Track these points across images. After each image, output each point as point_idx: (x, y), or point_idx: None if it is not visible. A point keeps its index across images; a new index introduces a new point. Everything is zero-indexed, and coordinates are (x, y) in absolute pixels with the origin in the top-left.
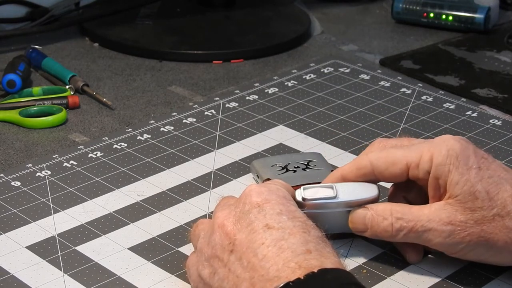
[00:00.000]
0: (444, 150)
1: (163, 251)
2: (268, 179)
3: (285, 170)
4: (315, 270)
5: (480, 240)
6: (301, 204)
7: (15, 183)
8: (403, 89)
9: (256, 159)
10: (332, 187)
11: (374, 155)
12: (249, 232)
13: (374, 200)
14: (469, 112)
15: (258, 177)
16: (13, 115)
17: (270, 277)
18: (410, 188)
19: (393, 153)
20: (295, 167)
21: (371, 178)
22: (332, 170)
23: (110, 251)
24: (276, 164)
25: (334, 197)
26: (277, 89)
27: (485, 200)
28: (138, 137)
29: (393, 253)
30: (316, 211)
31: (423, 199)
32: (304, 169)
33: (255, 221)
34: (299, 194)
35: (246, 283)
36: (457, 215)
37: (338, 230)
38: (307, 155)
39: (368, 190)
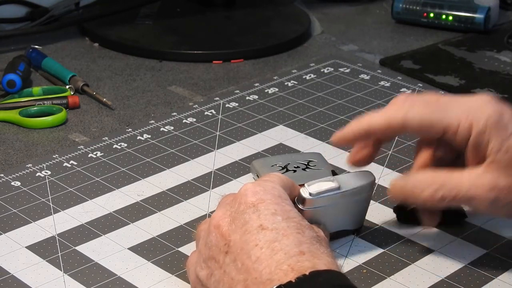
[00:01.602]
0: (483, 119)
1: (163, 251)
2: None
3: (285, 170)
4: (307, 273)
5: None
6: (307, 202)
7: (15, 183)
8: (403, 89)
9: (256, 159)
10: (332, 180)
11: (409, 112)
12: (243, 233)
13: (373, 185)
14: None
15: (258, 177)
16: (13, 115)
17: (263, 280)
18: (438, 145)
19: (430, 115)
20: (295, 167)
21: (402, 132)
22: (332, 170)
23: (110, 251)
24: (276, 164)
25: (338, 188)
26: (277, 89)
27: None
28: (138, 137)
29: (393, 253)
30: (320, 206)
31: (452, 155)
32: (304, 169)
33: (250, 221)
34: (305, 191)
35: (240, 285)
36: (500, 180)
37: (338, 228)
38: (307, 155)
39: (366, 177)
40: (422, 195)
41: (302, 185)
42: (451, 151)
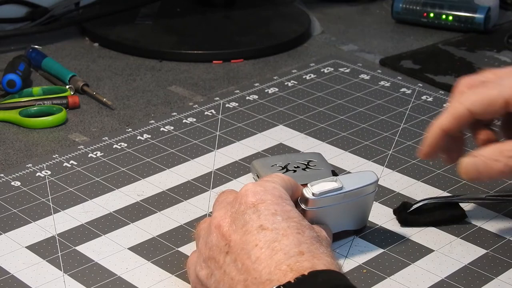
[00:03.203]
0: None
1: (163, 251)
2: None
3: (285, 170)
4: (306, 273)
5: None
6: (309, 202)
7: (15, 183)
8: (403, 89)
9: (256, 159)
10: (335, 180)
11: (469, 100)
12: (244, 233)
13: (375, 185)
14: None
15: (258, 177)
16: (13, 115)
17: (263, 280)
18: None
19: (488, 93)
20: (295, 167)
21: (469, 123)
22: (332, 170)
23: (110, 251)
24: (276, 164)
25: (341, 188)
26: (277, 89)
27: None
28: (138, 137)
29: (393, 253)
30: (323, 206)
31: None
32: (304, 169)
33: (250, 221)
34: (309, 191)
35: (240, 285)
36: None
37: (341, 228)
38: (307, 155)
39: (368, 177)
40: (496, 167)
41: (305, 185)
42: (508, 123)
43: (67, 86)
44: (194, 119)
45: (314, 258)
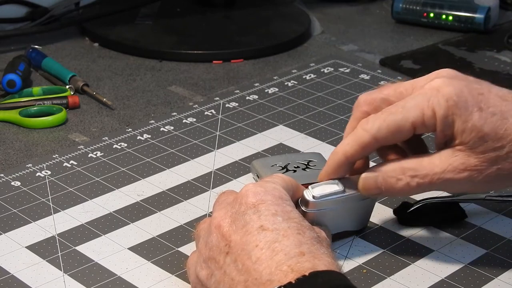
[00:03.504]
0: (443, 102)
1: (163, 251)
2: None
3: (285, 170)
4: (307, 274)
5: (498, 177)
6: (310, 204)
7: (15, 183)
8: None
9: (256, 159)
10: (337, 183)
11: (374, 128)
12: (244, 234)
13: None
14: None
15: (258, 177)
16: (13, 115)
17: (263, 281)
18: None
19: (394, 119)
20: (295, 167)
21: (375, 149)
22: None
23: (110, 251)
24: (276, 164)
25: (342, 192)
26: (277, 89)
27: (495, 140)
28: (138, 137)
29: (393, 253)
30: (323, 209)
31: (416, 142)
32: (304, 169)
33: (250, 222)
34: (309, 193)
35: (241, 286)
36: (471, 160)
37: (341, 229)
38: (307, 155)
39: None
40: (397, 186)
41: (306, 186)
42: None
43: (67, 86)
44: (194, 119)
45: (315, 259)
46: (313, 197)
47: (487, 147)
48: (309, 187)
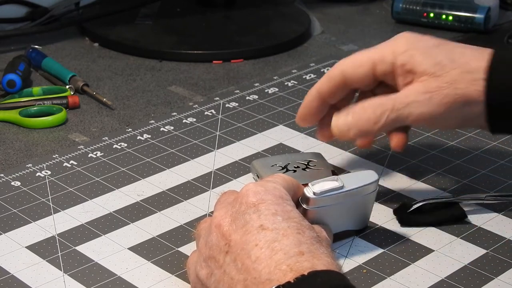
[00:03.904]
0: (403, 40)
1: (163, 251)
2: None
3: (285, 170)
4: (306, 273)
5: (456, 99)
6: (310, 201)
7: (15, 183)
8: None
9: (256, 159)
10: (336, 179)
11: (342, 62)
12: (244, 233)
13: (376, 184)
14: None
15: (258, 177)
16: (13, 115)
17: (262, 280)
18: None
19: (359, 56)
20: (295, 167)
21: (344, 86)
22: (332, 170)
23: (110, 251)
24: (276, 164)
25: (342, 187)
26: (277, 89)
27: (451, 64)
28: (138, 137)
29: (393, 253)
30: (324, 206)
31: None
32: (304, 169)
33: (250, 221)
34: (309, 190)
35: (240, 285)
36: (431, 83)
37: (342, 228)
38: (307, 155)
39: (369, 176)
40: (364, 116)
41: (306, 185)
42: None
43: (67, 86)
44: (194, 119)
45: (314, 258)
46: (314, 193)
47: (445, 69)
48: (309, 184)
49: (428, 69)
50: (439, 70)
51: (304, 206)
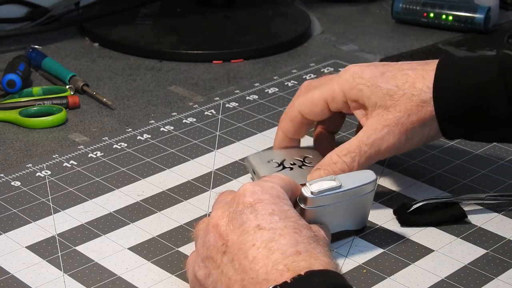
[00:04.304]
0: (348, 75)
1: (163, 251)
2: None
3: (281, 167)
4: (303, 273)
5: (413, 125)
6: (308, 201)
7: (15, 183)
8: None
9: (251, 154)
10: (334, 179)
11: (299, 102)
12: (241, 233)
13: (374, 184)
14: None
15: (254, 173)
16: (13, 115)
17: (260, 280)
18: (330, 122)
19: (312, 95)
20: (291, 164)
21: (305, 123)
22: None
23: (110, 251)
24: (272, 160)
25: (339, 187)
26: (277, 89)
27: (398, 92)
28: (138, 137)
29: (393, 253)
30: (321, 205)
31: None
32: (300, 166)
33: (247, 221)
34: (307, 190)
35: (237, 285)
36: (385, 116)
37: (340, 228)
38: (303, 150)
39: (367, 176)
40: (336, 168)
41: (304, 185)
42: (338, 122)
43: (67, 86)
44: (194, 119)
45: (311, 258)
46: (311, 193)
47: (394, 100)
48: (307, 183)
49: (378, 102)
50: (389, 101)
51: (302, 205)
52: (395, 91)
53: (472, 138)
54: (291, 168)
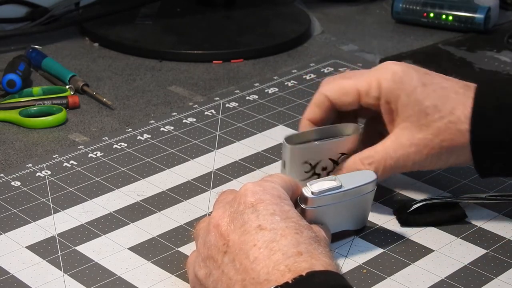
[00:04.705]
0: (389, 76)
1: (163, 251)
2: None
3: (312, 172)
4: (304, 274)
5: (442, 150)
6: (309, 201)
7: (15, 183)
8: None
9: (290, 136)
10: (334, 179)
11: (327, 88)
12: (242, 233)
13: (374, 184)
14: None
15: (284, 164)
16: (13, 115)
17: (261, 280)
18: (380, 120)
19: (344, 83)
20: (323, 168)
21: (331, 110)
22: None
23: (110, 251)
24: (307, 162)
25: (340, 187)
26: (277, 89)
27: (435, 112)
28: (138, 137)
29: (393, 253)
30: (322, 205)
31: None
32: (329, 173)
33: (248, 221)
34: (308, 190)
35: (238, 285)
36: (415, 134)
37: (341, 228)
38: (340, 143)
39: (367, 176)
40: None
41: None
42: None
43: (67, 86)
44: (194, 119)
45: (312, 259)
46: (312, 193)
47: (429, 119)
48: (307, 184)
49: (412, 115)
50: (423, 119)
51: (303, 205)
52: (433, 111)
53: (508, 175)
54: (319, 176)
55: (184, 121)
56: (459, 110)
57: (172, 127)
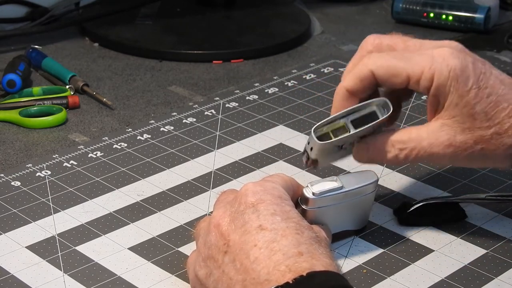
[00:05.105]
0: (446, 71)
1: (163, 251)
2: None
3: (338, 148)
4: (304, 274)
5: (480, 156)
6: (310, 201)
7: (15, 183)
8: None
9: (319, 128)
10: (335, 180)
11: (375, 63)
12: (243, 233)
13: (376, 185)
14: None
15: (306, 150)
16: (13, 115)
17: (261, 281)
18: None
19: (395, 64)
20: (350, 143)
21: (374, 86)
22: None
23: (110, 251)
24: (338, 145)
25: (341, 188)
26: (277, 89)
27: (483, 120)
28: (138, 137)
29: (393, 253)
30: (323, 206)
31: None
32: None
33: (249, 221)
34: (309, 191)
35: (239, 285)
36: (456, 136)
37: (341, 228)
38: (373, 104)
39: (368, 177)
40: (387, 157)
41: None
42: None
43: (67, 86)
44: (194, 119)
45: (313, 259)
46: (313, 194)
47: (475, 125)
48: (308, 184)
49: (459, 117)
50: (469, 122)
51: (304, 206)
52: (482, 118)
53: None
54: (340, 148)
55: (184, 121)
56: (509, 123)
57: (172, 127)
